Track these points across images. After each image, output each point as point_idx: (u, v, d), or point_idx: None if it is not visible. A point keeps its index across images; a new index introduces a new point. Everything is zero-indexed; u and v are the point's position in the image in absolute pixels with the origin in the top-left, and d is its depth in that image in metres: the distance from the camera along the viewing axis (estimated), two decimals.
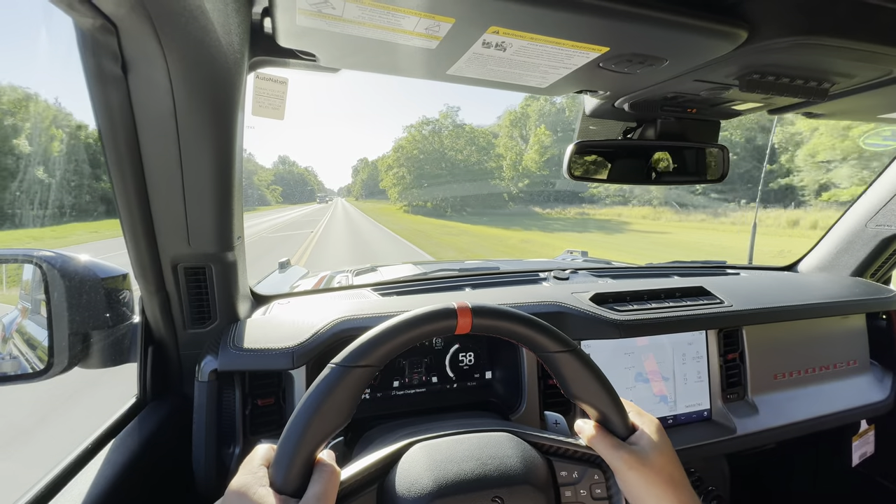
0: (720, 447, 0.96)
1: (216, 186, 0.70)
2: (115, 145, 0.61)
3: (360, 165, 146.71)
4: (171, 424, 0.79)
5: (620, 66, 0.64)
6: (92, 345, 0.71)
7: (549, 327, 0.50)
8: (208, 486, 0.75)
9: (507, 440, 0.51)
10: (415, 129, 51.87)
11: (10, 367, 0.71)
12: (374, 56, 0.63)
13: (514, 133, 46.45)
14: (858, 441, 1.28)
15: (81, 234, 20.18)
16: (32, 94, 43.78)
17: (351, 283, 1.48)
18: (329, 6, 0.49)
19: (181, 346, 0.85)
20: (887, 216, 1.27)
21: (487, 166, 47.76)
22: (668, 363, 0.99)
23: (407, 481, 0.46)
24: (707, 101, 0.81)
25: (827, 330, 1.15)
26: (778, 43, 0.54)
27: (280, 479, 0.41)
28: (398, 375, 0.93)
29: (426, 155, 50.51)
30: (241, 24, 0.60)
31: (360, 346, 0.45)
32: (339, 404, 0.43)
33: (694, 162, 1.01)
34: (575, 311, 0.93)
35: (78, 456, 0.66)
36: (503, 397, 0.94)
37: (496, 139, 49.70)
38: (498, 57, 0.61)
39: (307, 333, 0.79)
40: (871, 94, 0.75)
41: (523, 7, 0.47)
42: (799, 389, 1.08)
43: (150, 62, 0.54)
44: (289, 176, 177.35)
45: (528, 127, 45.45)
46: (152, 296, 0.79)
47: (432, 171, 49.28)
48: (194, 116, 0.61)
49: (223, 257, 0.80)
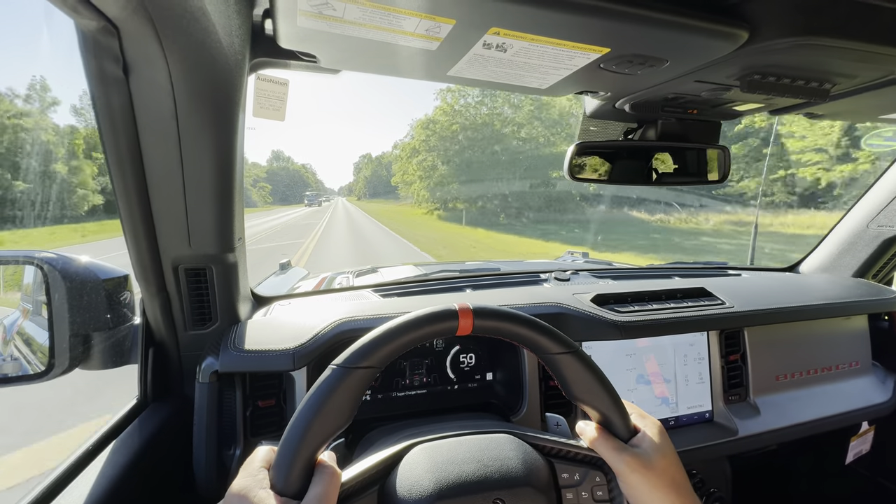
0: (722, 449, 0.96)
1: (217, 187, 0.70)
2: (116, 147, 0.61)
3: (363, 162, 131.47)
4: (171, 426, 0.79)
5: (621, 67, 0.64)
6: (93, 346, 0.71)
7: (551, 328, 0.50)
8: (209, 488, 0.75)
9: (509, 442, 0.51)
10: (452, 95, 30.70)
11: (11, 368, 0.71)
12: (374, 57, 0.63)
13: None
14: (856, 441, 1.27)
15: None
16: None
17: (352, 284, 1.48)
18: (330, 8, 0.49)
19: (182, 348, 0.85)
20: (889, 217, 1.27)
21: (557, 150, 27.73)
22: (670, 364, 0.99)
23: (408, 483, 0.46)
24: (708, 101, 0.81)
25: (829, 331, 1.14)
26: (779, 43, 0.54)
27: (281, 481, 0.41)
28: (399, 377, 0.93)
29: (471, 132, 30.41)
30: (242, 25, 0.61)
31: (362, 348, 0.45)
32: (339, 406, 0.43)
33: (695, 163, 1.01)
34: (576, 312, 0.93)
35: (79, 457, 0.66)
36: (504, 399, 0.94)
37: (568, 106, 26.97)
38: (498, 58, 0.61)
39: (308, 335, 0.79)
40: (873, 95, 0.75)
41: (524, 8, 0.47)
42: (801, 391, 1.08)
43: (152, 64, 0.54)
44: (283, 173, 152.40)
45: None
46: (153, 297, 0.79)
47: (478, 156, 30.05)
48: (195, 118, 0.61)
49: (224, 258, 0.80)
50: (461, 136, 31.09)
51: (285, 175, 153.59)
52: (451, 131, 31.20)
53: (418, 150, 33.52)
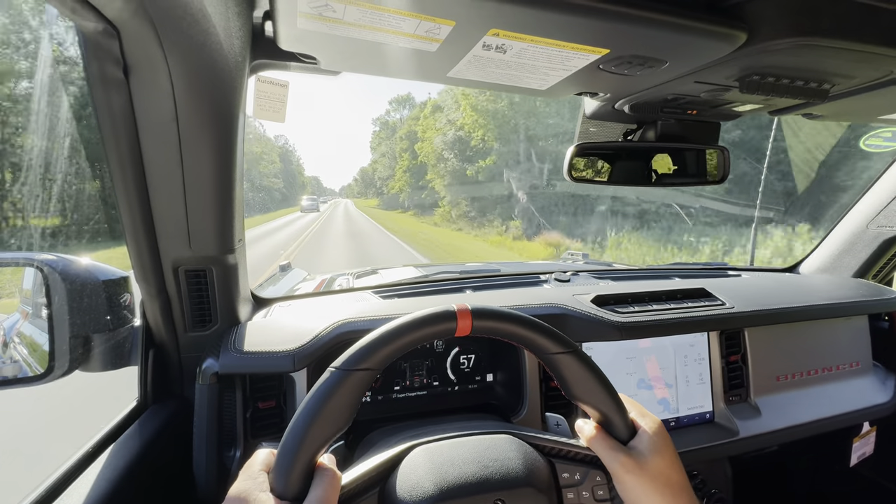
0: (723, 449, 0.96)
1: (217, 189, 0.70)
2: (116, 148, 0.61)
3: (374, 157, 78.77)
4: (171, 428, 0.79)
5: (620, 68, 0.64)
6: (93, 348, 0.71)
7: (550, 328, 0.50)
8: (209, 490, 0.75)
9: (509, 442, 0.51)
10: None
11: (10, 370, 0.71)
12: (374, 59, 0.63)
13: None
14: (859, 442, 1.27)
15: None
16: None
17: (352, 285, 1.48)
18: (330, 9, 0.49)
19: (182, 349, 0.85)
20: (888, 217, 1.27)
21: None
22: (670, 365, 0.99)
23: (408, 485, 0.46)
24: (707, 102, 0.81)
25: (829, 331, 1.14)
26: (777, 44, 0.54)
27: (280, 484, 0.41)
28: (399, 378, 0.93)
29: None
30: (242, 27, 0.61)
31: (361, 350, 0.45)
32: (339, 408, 0.43)
33: (694, 163, 1.01)
34: (576, 312, 0.93)
35: (78, 460, 0.66)
36: (504, 399, 0.94)
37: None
38: (498, 59, 0.61)
39: (308, 336, 0.79)
40: (872, 95, 0.75)
41: (523, 9, 0.47)
42: (801, 391, 1.08)
43: (152, 66, 0.54)
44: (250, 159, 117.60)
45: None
46: (153, 299, 0.79)
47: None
48: (196, 119, 0.61)
49: (224, 260, 0.80)
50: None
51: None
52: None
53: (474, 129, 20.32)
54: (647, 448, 0.49)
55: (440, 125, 24.68)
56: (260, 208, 58.28)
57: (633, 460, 0.48)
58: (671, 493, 0.47)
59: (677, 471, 0.49)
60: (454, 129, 22.95)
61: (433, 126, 25.82)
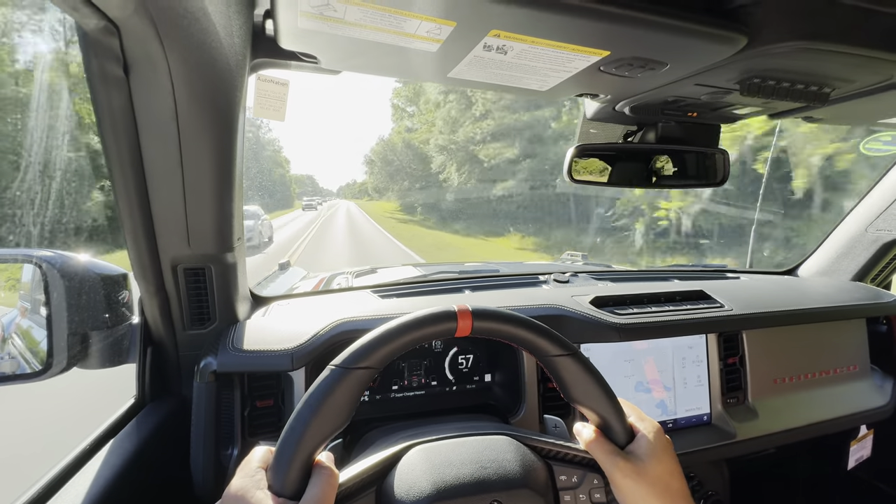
0: (720, 452, 0.96)
1: (217, 187, 0.70)
2: (116, 146, 0.61)
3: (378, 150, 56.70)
4: (169, 426, 0.79)
5: (621, 70, 0.64)
6: (91, 345, 0.71)
7: (549, 330, 0.50)
8: (206, 488, 0.75)
9: (507, 444, 0.51)
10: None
11: (8, 366, 0.71)
12: (375, 58, 0.63)
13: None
14: (856, 445, 1.27)
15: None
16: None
17: (350, 284, 1.48)
18: (331, 9, 0.49)
19: (180, 347, 0.85)
20: (887, 221, 1.27)
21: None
22: (669, 367, 0.99)
23: (405, 484, 0.46)
24: (708, 105, 0.81)
25: (827, 335, 1.14)
26: (778, 48, 0.54)
27: (278, 482, 0.41)
28: (397, 378, 0.93)
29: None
30: (242, 26, 0.61)
31: (360, 348, 0.45)
32: (338, 406, 0.43)
33: (694, 165, 1.01)
34: (575, 314, 0.93)
35: (76, 457, 0.66)
36: (502, 400, 0.94)
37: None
38: (499, 60, 0.61)
39: (307, 335, 0.79)
40: (872, 99, 0.75)
41: (524, 11, 0.47)
42: (799, 394, 1.08)
43: (152, 64, 0.54)
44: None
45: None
46: (152, 296, 0.79)
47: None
48: (195, 118, 0.61)
49: (223, 258, 0.80)
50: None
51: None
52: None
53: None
54: (645, 453, 0.49)
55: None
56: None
57: (631, 465, 0.47)
58: (670, 499, 0.47)
59: (677, 477, 0.49)
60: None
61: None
